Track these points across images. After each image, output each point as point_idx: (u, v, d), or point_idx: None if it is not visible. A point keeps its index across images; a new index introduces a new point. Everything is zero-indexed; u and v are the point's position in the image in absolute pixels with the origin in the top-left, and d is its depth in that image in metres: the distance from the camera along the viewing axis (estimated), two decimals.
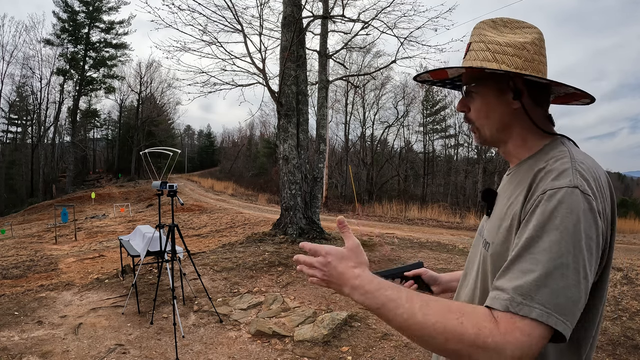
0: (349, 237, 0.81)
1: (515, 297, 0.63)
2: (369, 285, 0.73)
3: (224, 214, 15.38)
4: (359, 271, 0.76)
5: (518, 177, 0.85)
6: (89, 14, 34.03)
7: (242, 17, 7.96)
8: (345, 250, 0.78)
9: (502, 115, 0.85)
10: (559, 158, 0.75)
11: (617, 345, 3.35)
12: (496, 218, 0.86)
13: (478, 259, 0.91)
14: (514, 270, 0.66)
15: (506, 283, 0.66)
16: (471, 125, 0.92)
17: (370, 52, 24.31)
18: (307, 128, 8.29)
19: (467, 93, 0.90)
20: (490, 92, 0.85)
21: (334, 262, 0.76)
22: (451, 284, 1.14)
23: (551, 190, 0.68)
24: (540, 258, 0.64)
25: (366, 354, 3.24)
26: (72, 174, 34.25)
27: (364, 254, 0.80)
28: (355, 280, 0.74)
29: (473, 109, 0.89)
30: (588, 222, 0.66)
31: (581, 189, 0.67)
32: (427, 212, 17.99)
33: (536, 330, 0.62)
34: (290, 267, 5.81)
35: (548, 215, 0.66)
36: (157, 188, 3.86)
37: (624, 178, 64.41)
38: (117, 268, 5.77)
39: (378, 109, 30.57)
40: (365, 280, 0.74)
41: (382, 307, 0.71)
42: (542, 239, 0.65)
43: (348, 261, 0.77)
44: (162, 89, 38.81)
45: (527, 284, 0.63)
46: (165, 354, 3.24)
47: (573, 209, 0.66)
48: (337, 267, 0.76)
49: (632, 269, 5.40)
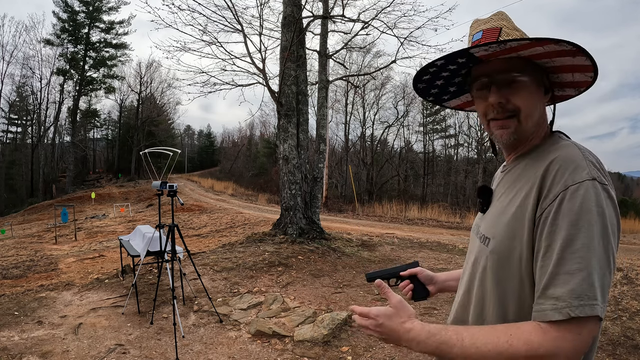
0: (390, 295, 0.88)
1: (573, 301, 0.66)
2: (420, 336, 0.79)
3: (224, 214, 15.38)
4: (409, 325, 0.82)
5: (517, 173, 0.85)
6: (89, 14, 34.02)
7: (242, 17, 7.97)
8: (391, 309, 0.86)
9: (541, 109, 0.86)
10: (568, 150, 0.76)
11: (617, 345, 3.35)
12: (495, 214, 0.86)
13: (474, 255, 0.91)
14: (562, 274, 0.68)
15: (559, 290, 0.68)
16: (502, 119, 0.85)
17: (370, 52, 24.34)
18: (307, 128, 8.29)
19: (508, 82, 0.83)
20: (533, 84, 0.84)
21: (385, 321, 0.84)
22: (447, 283, 1.15)
23: (573, 186, 0.70)
24: (583, 255, 0.67)
25: (366, 354, 3.23)
26: (72, 174, 34.23)
27: (409, 306, 0.86)
28: (408, 334, 0.81)
29: (520, 100, 0.82)
30: (609, 210, 0.70)
31: (599, 180, 0.70)
32: (427, 212, 17.98)
33: (585, 326, 0.66)
34: (290, 267, 5.81)
35: (577, 212, 0.69)
36: (157, 188, 3.86)
37: (624, 178, 64.39)
38: (117, 268, 5.77)
39: (378, 109, 30.60)
40: (416, 332, 0.80)
41: (437, 350, 0.77)
42: (578, 237, 0.68)
43: (397, 318, 0.84)
44: (162, 89, 38.85)
45: (579, 286, 0.66)
46: (165, 354, 3.24)
47: (597, 201, 0.69)
48: (389, 326, 0.84)
49: (632, 269, 5.40)
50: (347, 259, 6.50)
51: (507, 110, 0.84)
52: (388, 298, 0.87)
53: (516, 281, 0.77)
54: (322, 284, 5.17)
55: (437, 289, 1.14)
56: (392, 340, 0.84)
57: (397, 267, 1.17)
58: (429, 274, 1.14)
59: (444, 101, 1.06)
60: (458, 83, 0.98)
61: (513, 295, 0.78)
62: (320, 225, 8.11)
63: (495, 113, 0.85)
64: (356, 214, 17.09)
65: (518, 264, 0.77)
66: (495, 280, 0.81)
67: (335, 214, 17.30)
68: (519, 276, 0.77)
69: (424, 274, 1.14)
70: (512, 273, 0.78)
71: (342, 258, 6.55)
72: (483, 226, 0.89)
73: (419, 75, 0.94)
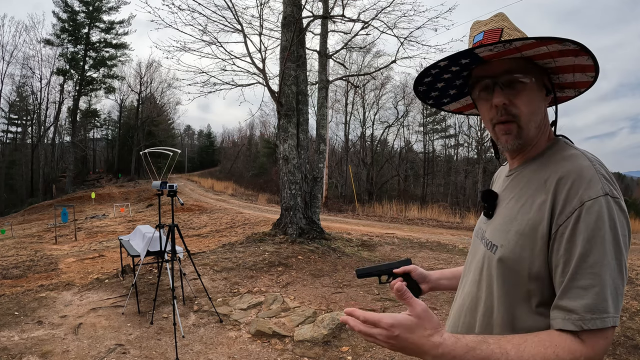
0: (413, 302, 0.73)
1: (586, 315, 0.68)
2: (455, 351, 0.69)
3: (224, 214, 15.37)
4: (438, 339, 0.70)
5: (525, 178, 0.84)
6: (89, 13, 34.01)
7: (242, 17, 7.97)
8: (414, 319, 0.72)
9: (543, 112, 0.85)
10: (580, 163, 0.76)
11: (617, 345, 3.35)
12: (503, 220, 0.85)
13: (479, 261, 0.90)
14: (575, 288, 0.70)
15: (572, 303, 0.70)
16: (503, 124, 0.84)
17: (370, 52, 24.32)
18: (307, 128, 8.29)
19: (509, 83, 0.82)
20: (535, 86, 0.83)
21: (404, 334, 0.71)
22: (440, 281, 1.14)
23: (589, 202, 0.71)
24: (596, 271, 0.68)
25: (366, 354, 3.23)
26: (72, 174, 34.22)
27: (434, 316, 0.73)
28: (438, 350, 0.70)
29: (521, 103, 0.81)
30: (622, 223, 0.71)
31: (611, 194, 0.72)
32: (427, 212, 17.98)
33: (611, 333, 0.69)
34: (290, 267, 5.81)
35: (592, 228, 0.69)
36: (157, 188, 3.86)
37: (624, 178, 64.32)
38: (117, 268, 5.77)
39: (378, 109, 30.59)
40: (449, 347, 0.70)
41: None
42: (592, 253, 0.69)
43: (421, 330, 0.71)
44: (162, 89, 38.83)
45: (592, 301, 0.68)
46: (165, 354, 3.24)
47: (611, 216, 0.70)
48: (409, 339, 0.71)
49: (632, 269, 5.40)
50: (347, 259, 6.50)
51: (509, 113, 0.82)
52: (410, 305, 0.73)
53: (524, 290, 0.78)
54: (322, 284, 5.17)
55: (430, 288, 1.13)
56: (410, 353, 0.72)
57: (389, 263, 1.16)
58: (422, 272, 1.13)
59: (443, 104, 1.05)
60: (459, 86, 0.98)
61: (520, 304, 0.78)
62: (320, 225, 8.11)
63: (499, 115, 0.83)
64: (356, 214, 17.08)
65: (526, 274, 0.77)
66: (503, 288, 0.81)
67: (335, 214, 17.29)
68: (527, 286, 0.77)
69: (417, 272, 1.12)
70: (520, 283, 0.78)
71: (342, 258, 6.55)
72: (489, 232, 0.88)
73: (421, 77, 0.92)
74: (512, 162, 0.93)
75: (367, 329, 0.73)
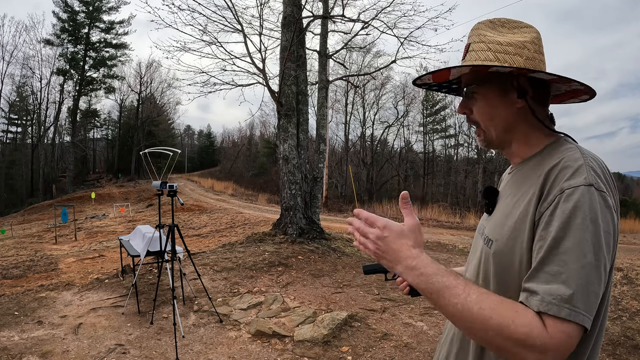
0: (410, 215, 0.77)
1: (546, 297, 0.65)
2: (426, 268, 0.72)
3: (224, 214, 15.38)
4: (416, 252, 0.74)
5: (523, 175, 0.85)
6: (89, 13, 34.02)
7: (242, 17, 7.95)
8: (404, 228, 0.76)
9: (507, 116, 0.85)
10: (570, 155, 0.76)
11: (617, 345, 3.35)
12: (500, 216, 0.86)
13: (478, 256, 0.91)
14: (543, 272, 0.68)
15: (536, 286, 0.68)
16: (475, 128, 0.91)
17: (370, 52, 24.34)
18: (307, 128, 8.29)
19: (468, 94, 0.89)
20: (492, 93, 0.85)
21: (391, 238, 0.74)
22: None
23: (569, 190, 0.69)
24: (566, 259, 0.66)
25: (366, 354, 3.23)
26: (72, 174, 34.23)
27: (423, 236, 0.78)
28: (412, 261, 0.73)
29: (476, 111, 0.88)
30: (605, 218, 0.68)
31: (596, 186, 0.69)
32: (427, 212, 17.99)
33: (575, 330, 0.64)
34: (290, 267, 5.81)
35: (568, 215, 0.68)
36: (157, 188, 3.86)
37: (624, 178, 64.29)
38: (117, 268, 5.77)
39: (378, 109, 30.64)
40: (423, 262, 0.73)
41: (437, 293, 0.70)
42: (565, 239, 0.67)
43: (406, 239, 0.75)
44: (162, 89, 38.85)
45: (557, 287, 0.65)
46: (165, 354, 3.24)
47: (591, 207, 0.67)
48: (393, 243, 0.74)
49: (632, 269, 5.41)
50: (347, 259, 6.50)
51: (471, 120, 0.91)
52: (408, 216, 0.77)
53: (517, 282, 0.77)
54: (322, 284, 5.17)
55: None
56: (386, 261, 0.75)
57: None
58: None
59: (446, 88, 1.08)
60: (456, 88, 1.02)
61: (514, 296, 0.77)
62: (320, 225, 8.11)
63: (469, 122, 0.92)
64: None
65: (519, 267, 0.76)
66: (498, 281, 0.81)
67: (335, 214, 17.30)
68: (520, 278, 0.76)
69: None
70: (514, 276, 0.78)
71: (342, 258, 6.55)
72: (488, 228, 0.89)
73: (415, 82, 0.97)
74: (512, 160, 0.94)
75: (365, 227, 0.77)
